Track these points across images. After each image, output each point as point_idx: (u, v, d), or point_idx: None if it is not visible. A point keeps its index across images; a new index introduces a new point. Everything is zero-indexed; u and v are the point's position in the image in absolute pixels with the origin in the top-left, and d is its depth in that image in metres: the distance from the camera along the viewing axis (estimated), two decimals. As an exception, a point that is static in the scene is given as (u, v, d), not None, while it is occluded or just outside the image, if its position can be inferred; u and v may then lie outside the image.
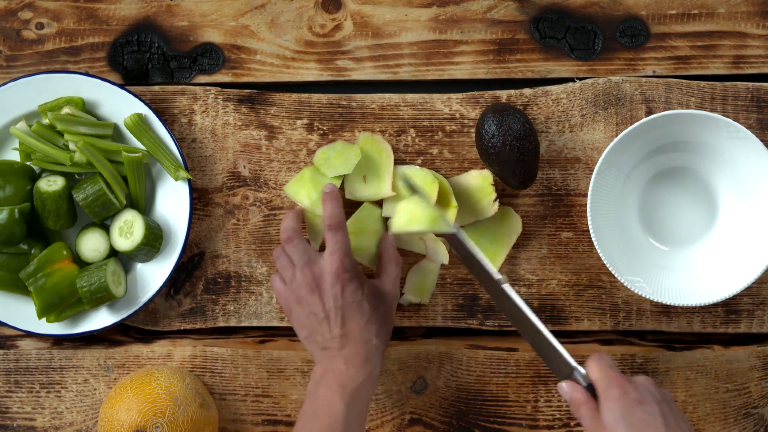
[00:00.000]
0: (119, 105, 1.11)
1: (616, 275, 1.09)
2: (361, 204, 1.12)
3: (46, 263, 1.09)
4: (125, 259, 1.13)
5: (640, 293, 1.09)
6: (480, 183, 1.12)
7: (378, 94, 1.15)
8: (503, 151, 1.07)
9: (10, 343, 1.16)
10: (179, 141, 1.14)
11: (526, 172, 1.08)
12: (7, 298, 1.12)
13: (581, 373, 0.96)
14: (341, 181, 1.11)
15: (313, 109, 1.15)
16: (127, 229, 1.10)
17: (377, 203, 1.13)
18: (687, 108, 1.13)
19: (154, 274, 1.12)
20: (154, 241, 1.10)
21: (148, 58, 1.16)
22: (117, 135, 1.13)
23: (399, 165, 1.13)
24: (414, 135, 1.14)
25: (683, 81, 1.14)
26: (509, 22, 1.15)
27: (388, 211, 1.12)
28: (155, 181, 1.13)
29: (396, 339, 1.14)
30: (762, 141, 1.08)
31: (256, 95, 1.15)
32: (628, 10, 1.15)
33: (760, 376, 1.14)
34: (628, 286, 1.09)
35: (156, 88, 1.15)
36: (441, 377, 1.14)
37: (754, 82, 1.14)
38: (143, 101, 1.11)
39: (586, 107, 1.14)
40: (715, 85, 1.14)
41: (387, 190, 1.11)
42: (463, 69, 1.15)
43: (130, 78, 1.16)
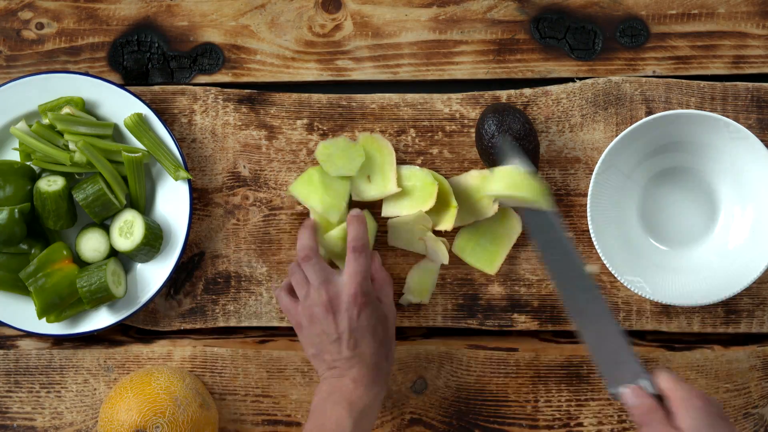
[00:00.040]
0: (119, 105, 1.11)
1: (616, 275, 1.09)
2: (366, 206, 1.12)
3: (46, 263, 1.09)
4: (125, 259, 1.13)
5: (640, 293, 1.09)
6: (480, 183, 1.12)
7: (378, 94, 1.15)
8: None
9: (10, 343, 1.16)
10: (179, 141, 1.14)
11: (526, 172, 1.08)
12: (7, 298, 1.12)
13: (648, 380, 0.93)
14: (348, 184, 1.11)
15: (313, 109, 1.15)
16: (127, 229, 1.10)
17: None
18: (687, 108, 1.13)
19: (154, 274, 1.12)
20: (154, 241, 1.10)
21: (148, 58, 1.16)
22: (117, 135, 1.13)
23: (399, 165, 1.13)
24: (414, 135, 1.14)
25: (683, 81, 1.14)
26: (509, 22, 1.15)
27: (388, 211, 1.12)
28: (155, 181, 1.13)
29: (396, 339, 1.14)
30: (762, 141, 1.08)
31: (256, 95, 1.15)
32: (628, 10, 1.15)
33: (760, 376, 1.14)
34: (628, 286, 1.09)
35: (156, 88, 1.15)
36: (441, 377, 1.14)
37: (754, 82, 1.14)
38: (143, 101, 1.11)
39: (586, 107, 1.14)
40: (715, 85, 1.14)
41: (393, 188, 1.11)
42: (463, 69, 1.15)
43: (130, 78, 1.16)
